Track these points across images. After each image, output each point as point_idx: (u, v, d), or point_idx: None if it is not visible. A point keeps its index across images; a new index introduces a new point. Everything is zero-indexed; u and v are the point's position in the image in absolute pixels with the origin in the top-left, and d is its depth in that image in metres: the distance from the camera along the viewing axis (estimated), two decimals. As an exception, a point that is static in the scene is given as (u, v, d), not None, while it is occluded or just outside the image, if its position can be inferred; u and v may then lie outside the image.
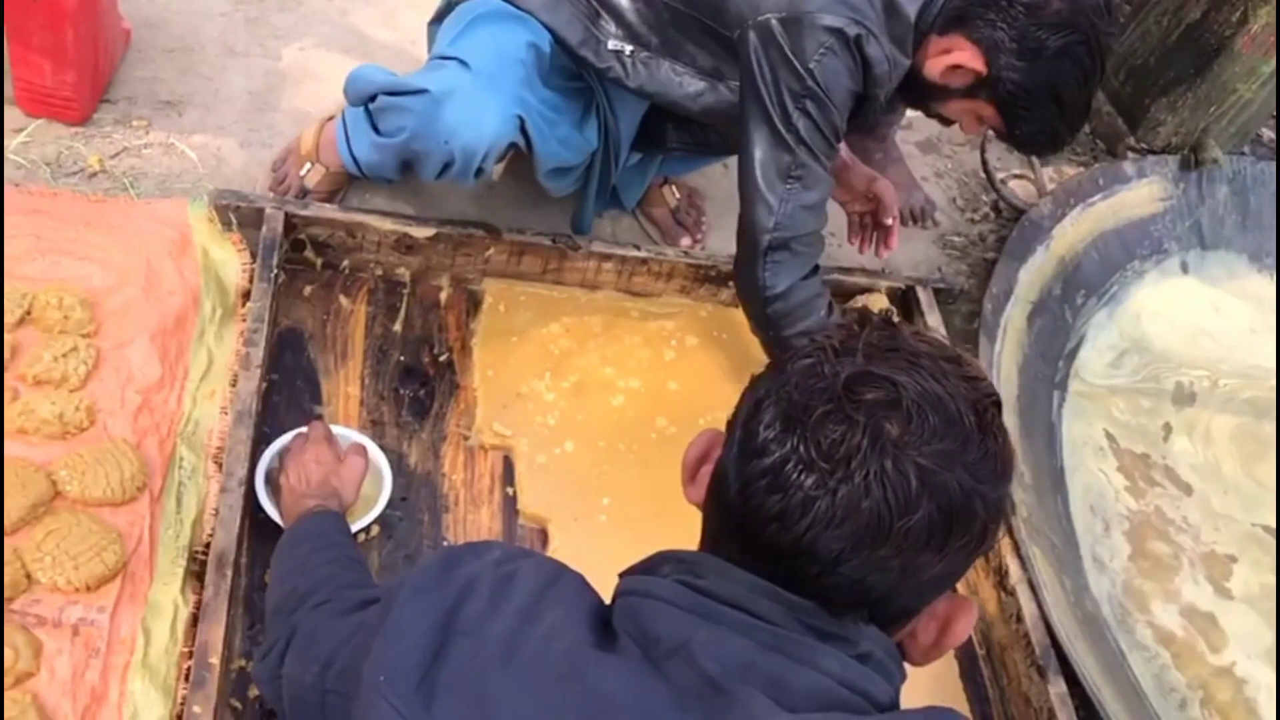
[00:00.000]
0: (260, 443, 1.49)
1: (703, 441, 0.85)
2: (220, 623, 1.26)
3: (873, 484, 0.67)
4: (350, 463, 1.45)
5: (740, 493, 0.72)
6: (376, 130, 1.62)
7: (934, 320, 1.95)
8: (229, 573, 1.30)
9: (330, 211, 1.74)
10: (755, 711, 0.67)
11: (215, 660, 1.23)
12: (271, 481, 1.47)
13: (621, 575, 0.82)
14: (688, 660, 0.70)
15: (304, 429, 1.50)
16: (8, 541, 1.32)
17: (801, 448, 0.69)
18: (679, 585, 0.74)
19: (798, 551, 0.70)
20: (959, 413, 0.69)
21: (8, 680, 1.22)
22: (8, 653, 1.22)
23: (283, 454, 1.48)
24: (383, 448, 1.56)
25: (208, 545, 1.42)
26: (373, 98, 1.59)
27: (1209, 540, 2.01)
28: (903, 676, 0.76)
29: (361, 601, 0.99)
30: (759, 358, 1.90)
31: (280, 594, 1.13)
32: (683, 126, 1.84)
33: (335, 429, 1.53)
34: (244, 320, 1.64)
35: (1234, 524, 2.06)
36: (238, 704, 1.30)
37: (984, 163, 2.26)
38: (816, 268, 1.66)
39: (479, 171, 1.61)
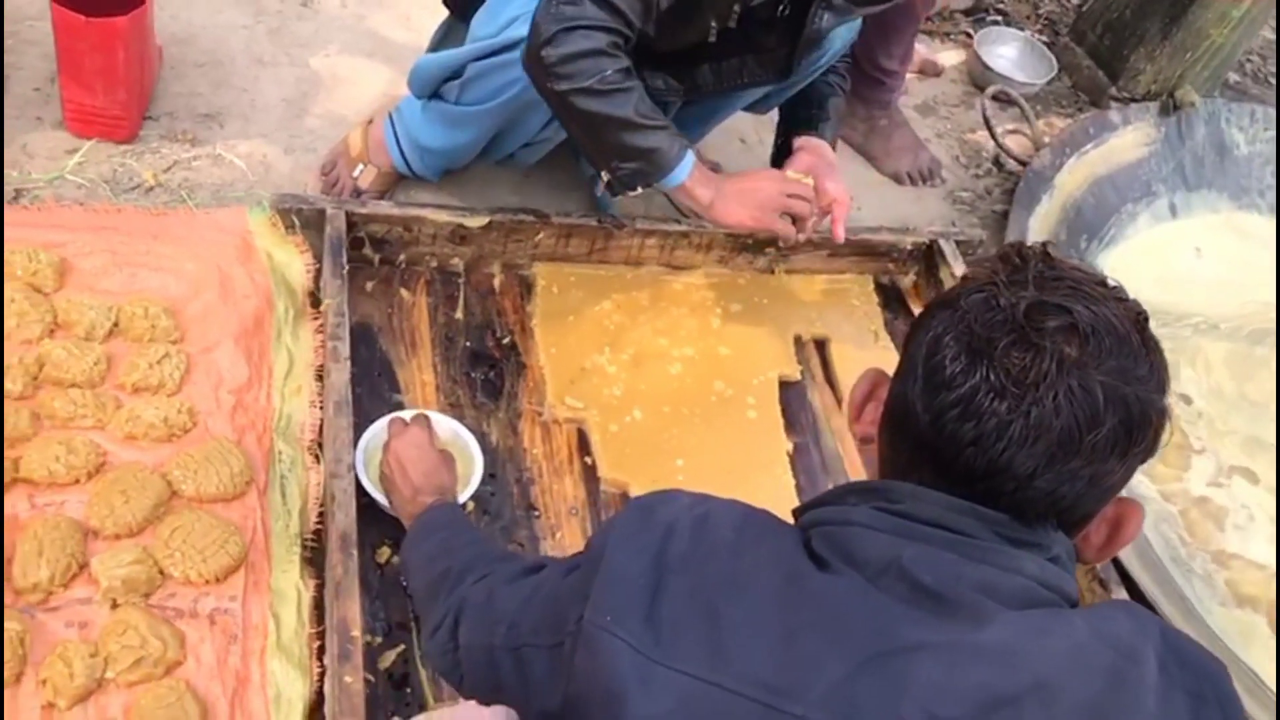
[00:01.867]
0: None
1: (867, 381, 0.93)
2: (355, 598, 1.32)
3: (1062, 403, 0.75)
4: (447, 455, 1.52)
5: (932, 424, 0.79)
6: (469, 103, 1.66)
7: (960, 270, 2.05)
8: (354, 551, 1.37)
9: (387, 208, 1.80)
10: (983, 610, 0.75)
11: (356, 633, 1.30)
12: (368, 468, 1.53)
13: (798, 512, 0.90)
14: (900, 575, 0.77)
15: (398, 414, 1.57)
16: (137, 541, 1.38)
17: (991, 376, 0.76)
18: (875, 511, 0.81)
19: (995, 471, 0.77)
20: (1125, 331, 0.77)
21: (159, 670, 1.28)
22: (156, 644, 1.28)
23: (381, 444, 1.53)
24: (466, 428, 1.63)
25: (315, 533, 1.49)
26: (455, 75, 1.60)
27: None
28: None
29: (524, 569, 1.04)
30: (801, 319, 2.00)
31: (431, 577, 1.18)
32: (724, 58, 1.77)
33: (435, 416, 1.59)
34: (315, 318, 1.70)
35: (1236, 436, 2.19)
36: (370, 676, 1.37)
37: (985, 120, 2.37)
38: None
39: None
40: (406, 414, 1.58)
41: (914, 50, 2.65)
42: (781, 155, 1.87)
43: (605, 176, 1.62)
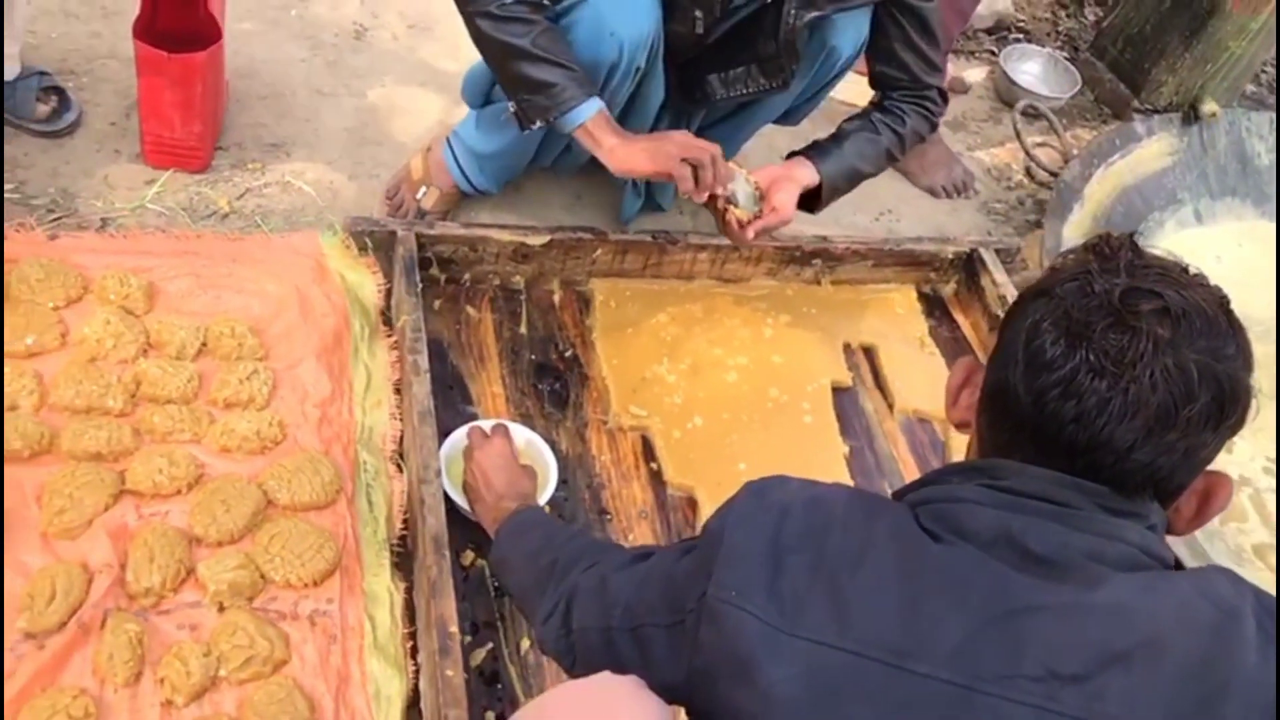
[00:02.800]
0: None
1: (961, 371, 1.00)
2: (450, 597, 1.38)
3: (1158, 380, 0.81)
4: (500, 449, 1.58)
5: (1034, 404, 0.85)
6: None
7: (1000, 277, 2.12)
8: (446, 553, 1.43)
9: (454, 229, 1.88)
10: (1093, 574, 0.81)
11: (454, 629, 1.35)
12: (449, 475, 1.59)
13: (897, 495, 0.95)
14: (1010, 545, 0.83)
15: (477, 424, 1.63)
16: (238, 548, 1.44)
17: (1090, 357, 0.83)
18: (981, 488, 0.87)
19: (1095, 446, 0.83)
20: (1213, 314, 0.84)
21: (267, 668, 1.34)
22: (264, 643, 1.34)
23: (460, 453, 1.60)
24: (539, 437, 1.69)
25: (401, 538, 1.55)
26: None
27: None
28: None
29: (634, 557, 1.10)
30: (849, 328, 2.06)
31: (537, 569, 1.23)
32: (729, 66, 1.82)
33: (509, 426, 1.66)
34: (387, 335, 1.78)
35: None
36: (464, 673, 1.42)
37: (1017, 133, 2.44)
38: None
39: (636, 72, 1.70)
40: (485, 424, 1.64)
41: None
42: None
43: (512, 106, 1.65)
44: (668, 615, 0.96)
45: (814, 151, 1.86)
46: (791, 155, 1.89)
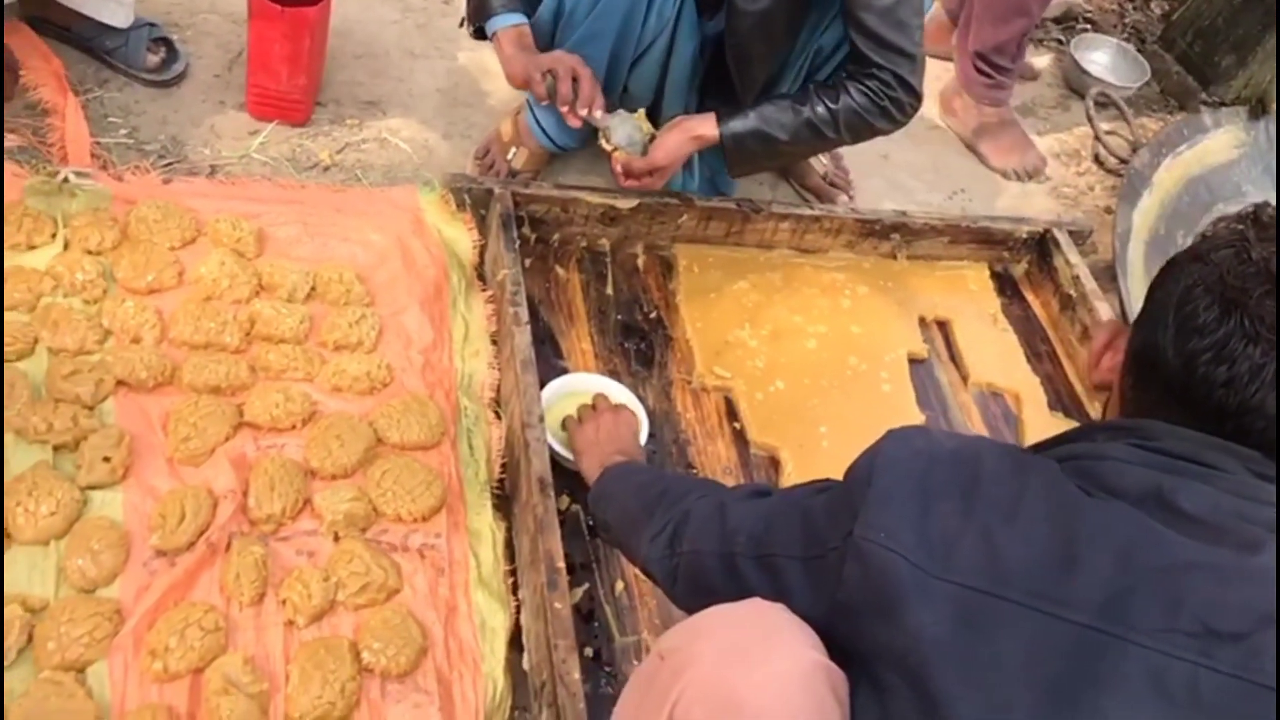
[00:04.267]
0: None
1: (1106, 333, 1.03)
2: (556, 533, 1.43)
3: None
4: (626, 419, 1.62)
5: (1184, 367, 0.88)
6: (575, 29, 1.79)
7: (1074, 258, 2.15)
8: (550, 493, 1.48)
9: (547, 189, 1.92)
10: (1250, 536, 0.83)
11: (561, 564, 1.41)
12: (548, 425, 1.64)
13: (1037, 449, 0.98)
14: (1160, 503, 0.85)
15: (579, 375, 1.70)
16: (351, 482, 1.50)
17: (1246, 323, 0.85)
18: (1130, 447, 0.90)
19: (1246, 410, 0.86)
20: None
21: (381, 595, 1.39)
22: (378, 571, 1.40)
23: (554, 404, 1.65)
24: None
25: (500, 481, 1.61)
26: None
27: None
28: None
29: (751, 491, 1.15)
30: (924, 302, 2.10)
31: (646, 498, 1.27)
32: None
33: (601, 380, 1.73)
34: (482, 289, 1.83)
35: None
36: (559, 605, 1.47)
37: (1090, 120, 2.47)
38: None
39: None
40: (584, 377, 1.72)
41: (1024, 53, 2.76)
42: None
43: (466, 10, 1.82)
44: (805, 549, 0.99)
45: (724, 109, 1.84)
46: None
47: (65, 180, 1.68)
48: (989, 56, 2.39)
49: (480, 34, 1.83)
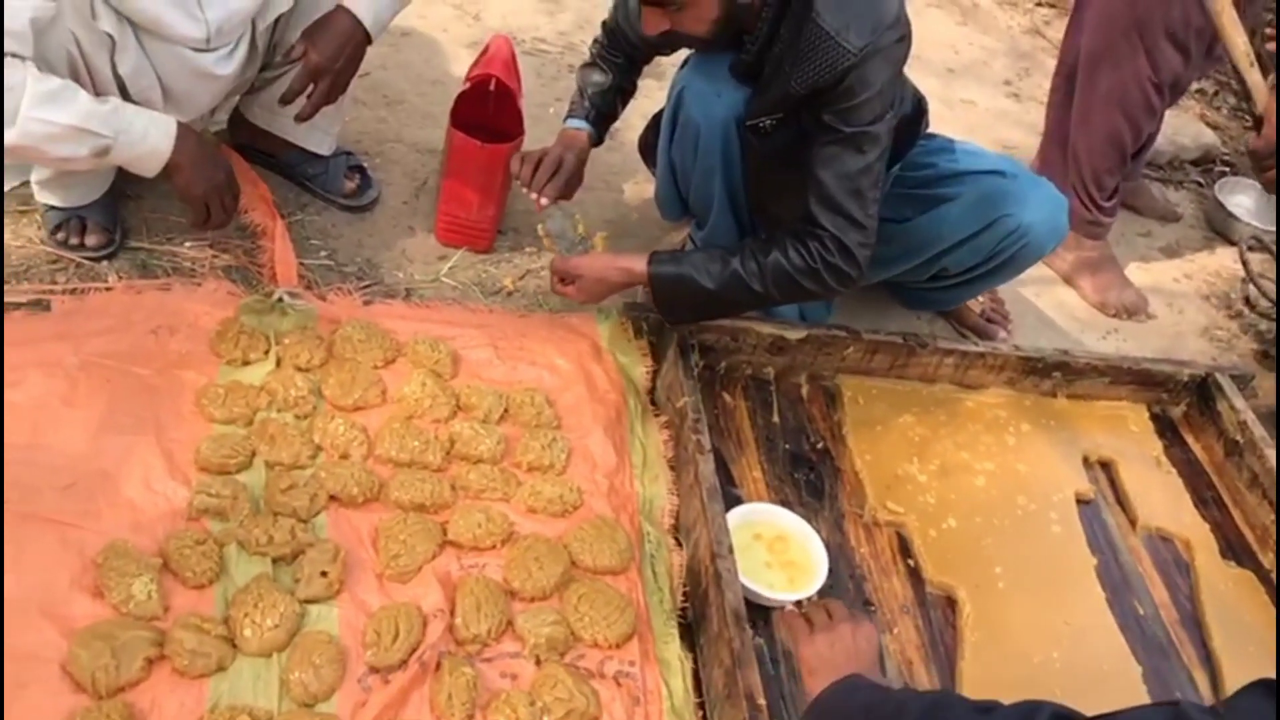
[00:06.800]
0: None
1: None
2: (754, 668, 1.43)
3: None
4: (868, 634, 1.42)
5: None
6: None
7: (1239, 403, 2.13)
8: (746, 626, 1.48)
9: (720, 320, 1.98)
10: None
11: (762, 701, 1.40)
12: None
13: None
14: None
15: (747, 506, 1.74)
16: (548, 605, 1.52)
17: None
18: None
19: None
20: None
21: (582, 722, 1.40)
22: (580, 698, 1.40)
23: (820, 625, 1.45)
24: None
25: (683, 609, 1.61)
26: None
27: None
28: None
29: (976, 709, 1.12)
30: (1086, 441, 2.09)
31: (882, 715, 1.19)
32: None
33: (779, 511, 1.75)
34: (656, 415, 1.87)
35: None
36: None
37: (1244, 264, 2.48)
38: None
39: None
40: (771, 510, 1.75)
41: (1146, 191, 2.80)
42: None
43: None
44: None
45: (661, 252, 1.85)
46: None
47: (279, 300, 1.78)
48: (1090, 190, 2.44)
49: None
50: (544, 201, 1.92)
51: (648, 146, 2.21)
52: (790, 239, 1.74)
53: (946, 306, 2.31)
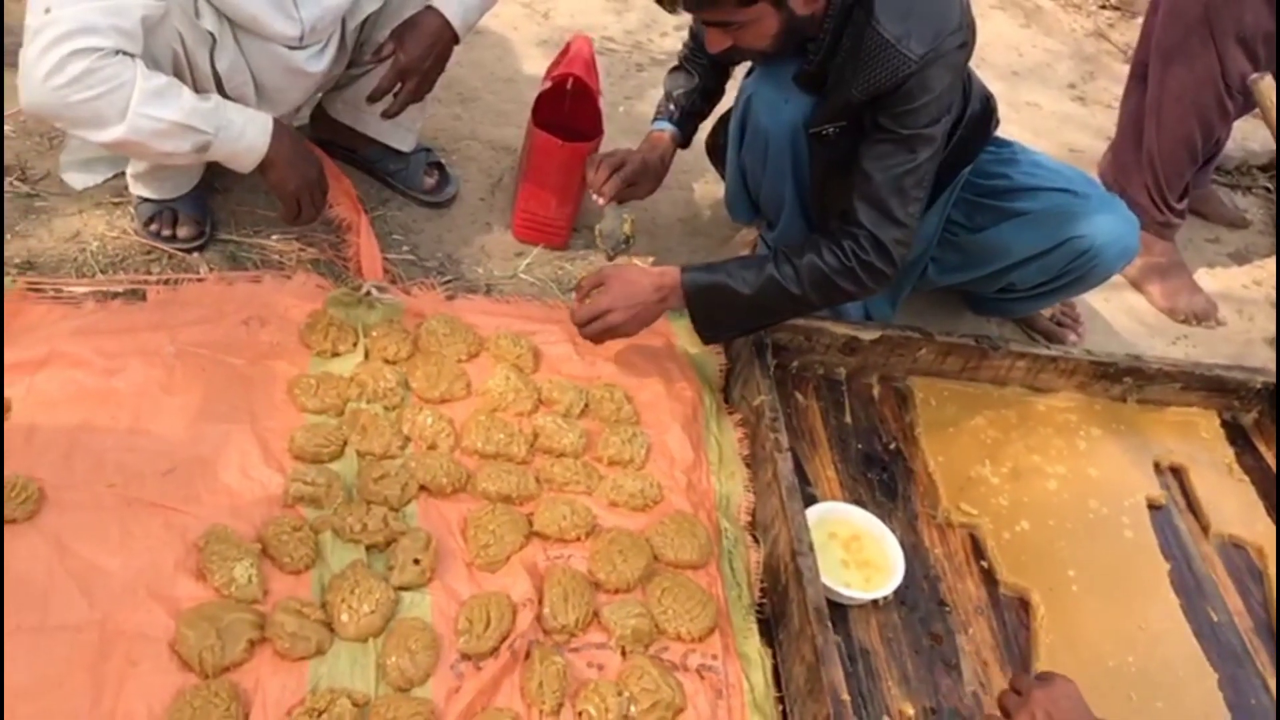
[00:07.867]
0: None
1: None
2: (837, 665, 1.45)
3: None
4: (1068, 692, 1.31)
5: None
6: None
7: (1312, 412, 2.12)
8: (828, 624, 1.50)
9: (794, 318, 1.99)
10: None
11: (845, 697, 1.42)
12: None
13: None
14: None
15: (823, 506, 1.75)
16: (632, 597, 1.54)
17: None
18: None
19: None
20: None
21: (669, 713, 1.43)
22: (666, 690, 1.43)
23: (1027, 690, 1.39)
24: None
25: (760, 604, 1.63)
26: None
27: None
28: None
29: None
30: (1157, 447, 2.09)
31: None
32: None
33: (855, 510, 1.76)
34: (730, 413, 1.89)
35: None
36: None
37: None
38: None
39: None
40: (846, 509, 1.76)
41: (1214, 197, 2.78)
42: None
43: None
44: None
45: (692, 264, 1.83)
46: None
47: (367, 293, 1.81)
48: (1162, 188, 2.43)
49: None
50: (601, 201, 1.97)
51: (715, 148, 2.23)
52: (825, 240, 1.75)
53: (1015, 315, 2.31)
